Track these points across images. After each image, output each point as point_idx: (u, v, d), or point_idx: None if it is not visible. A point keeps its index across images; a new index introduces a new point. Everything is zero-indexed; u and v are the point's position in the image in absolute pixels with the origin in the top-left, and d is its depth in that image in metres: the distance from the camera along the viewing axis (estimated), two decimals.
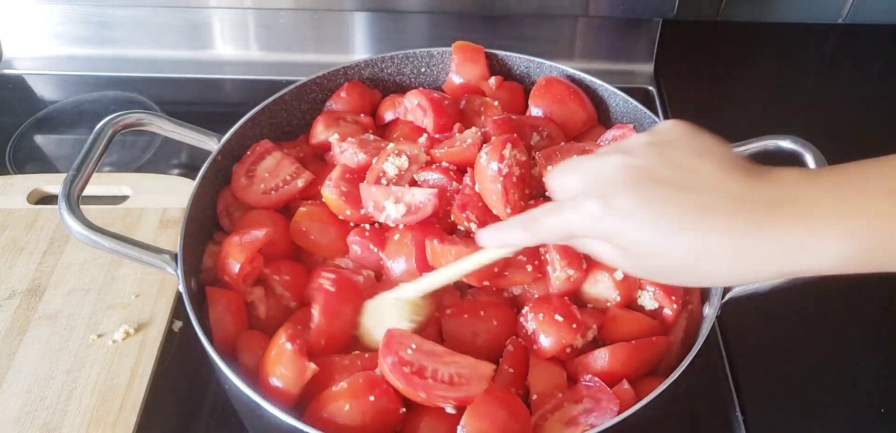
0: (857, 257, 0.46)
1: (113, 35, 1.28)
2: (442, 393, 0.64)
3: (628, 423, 0.61)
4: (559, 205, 0.56)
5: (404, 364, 0.64)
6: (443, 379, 0.65)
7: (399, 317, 0.69)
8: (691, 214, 0.49)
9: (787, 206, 0.48)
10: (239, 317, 0.73)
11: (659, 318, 0.73)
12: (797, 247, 0.47)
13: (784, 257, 0.47)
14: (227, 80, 1.29)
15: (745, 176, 0.50)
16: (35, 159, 1.14)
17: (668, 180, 0.50)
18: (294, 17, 1.26)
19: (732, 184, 0.50)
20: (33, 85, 1.28)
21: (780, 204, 0.48)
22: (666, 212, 0.50)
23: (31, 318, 0.88)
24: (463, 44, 0.96)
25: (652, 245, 0.51)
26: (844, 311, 0.93)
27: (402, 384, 0.64)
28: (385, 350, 0.65)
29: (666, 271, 0.53)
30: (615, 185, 0.52)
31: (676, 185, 0.50)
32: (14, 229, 0.98)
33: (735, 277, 0.51)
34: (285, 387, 0.65)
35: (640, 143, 0.54)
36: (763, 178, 0.50)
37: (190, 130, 0.85)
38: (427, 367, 0.65)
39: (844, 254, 0.46)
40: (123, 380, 0.82)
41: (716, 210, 0.49)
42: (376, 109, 0.96)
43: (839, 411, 0.84)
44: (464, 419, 0.63)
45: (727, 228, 0.48)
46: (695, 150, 0.52)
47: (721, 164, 0.51)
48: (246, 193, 0.83)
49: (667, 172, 0.51)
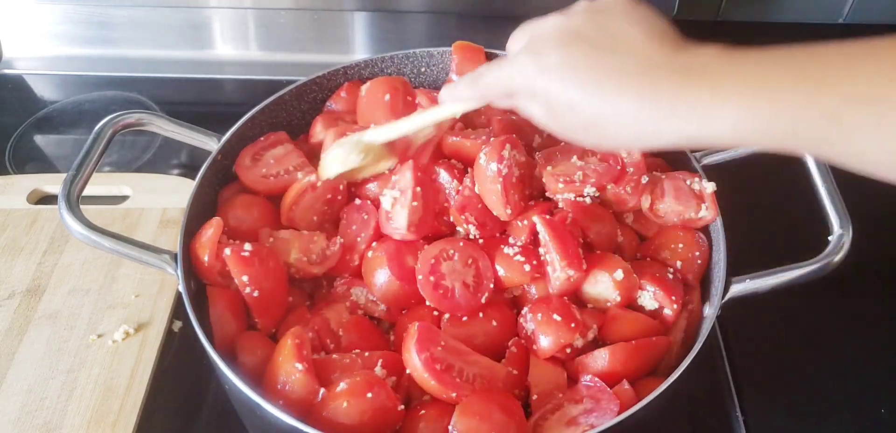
0: (751, 128, 0.47)
1: (113, 35, 1.28)
2: (468, 393, 0.65)
3: (628, 423, 0.61)
4: (501, 60, 0.61)
5: (436, 361, 0.64)
6: (468, 378, 0.66)
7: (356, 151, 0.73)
8: (606, 75, 0.52)
9: (694, 75, 0.49)
10: (239, 317, 0.73)
11: (659, 318, 0.73)
12: (696, 113, 0.48)
13: (682, 122, 0.49)
14: (227, 80, 1.29)
15: (665, 44, 0.52)
16: (35, 159, 1.14)
17: (594, 42, 0.53)
18: (294, 17, 1.26)
19: (650, 50, 0.52)
20: (33, 85, 1.28)
21: (689, 72, 0.49)
22: (585, 70, 0.53)
23: (31, 318, 0.88)
24: (463, 44, 0.96)
25: (569, 101, 0.53)
26: (844, 311, 0.93)
27: (435, 382, 0.64)
28: (419, 346, 0.64)
29: (579, 129, 0.55)
30: (547, 43, 0.55)
31: (600, 46, 0.53)
32: (14, 229, 0.98)
33: (638, 138, 0.53)
34: (292, 403, 0.65)
35: (581, 8, 0.57)
36: (683, 48, 0.52)
37: (190, 130, 0.85)
38: (454, 366, 0.65)
39: (740, 125, 0.47)
40: (123, 380, 0.82)
41: (626, 73, 0.51)
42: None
43: (839, 411, 0.84)
44: (455, 418, 0.63)
45: (633, 90, 0.51)
46: (628, 18, 0.55)
47: (646, 32, 0.53)
48: (246, 173, 0.83)
49: (595, 35, 0.54)
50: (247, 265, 0.71)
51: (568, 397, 0.67)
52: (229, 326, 0.72)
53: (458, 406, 0.64)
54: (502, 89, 0.61)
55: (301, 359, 0.65)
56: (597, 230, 0.76)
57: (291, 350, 0.65)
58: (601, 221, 0.77)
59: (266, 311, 0.72)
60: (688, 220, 0.79)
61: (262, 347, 0.70)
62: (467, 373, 0.66)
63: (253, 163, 0.84)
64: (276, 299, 0.72)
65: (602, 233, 0.77)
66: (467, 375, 0.66)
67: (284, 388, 0.65)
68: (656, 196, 0.80)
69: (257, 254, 0.72)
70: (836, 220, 0.72)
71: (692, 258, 0.77)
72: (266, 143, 0.86)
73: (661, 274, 0.74)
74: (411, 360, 0.65)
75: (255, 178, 0.83)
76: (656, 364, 0.72)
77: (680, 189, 0.80)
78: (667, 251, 0.77)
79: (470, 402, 0.64)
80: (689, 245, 0.77)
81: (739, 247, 0.75)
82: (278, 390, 0.65)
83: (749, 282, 0.71)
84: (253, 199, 0.82)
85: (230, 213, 0.79)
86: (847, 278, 0.72)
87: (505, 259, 0.74)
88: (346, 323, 0.73)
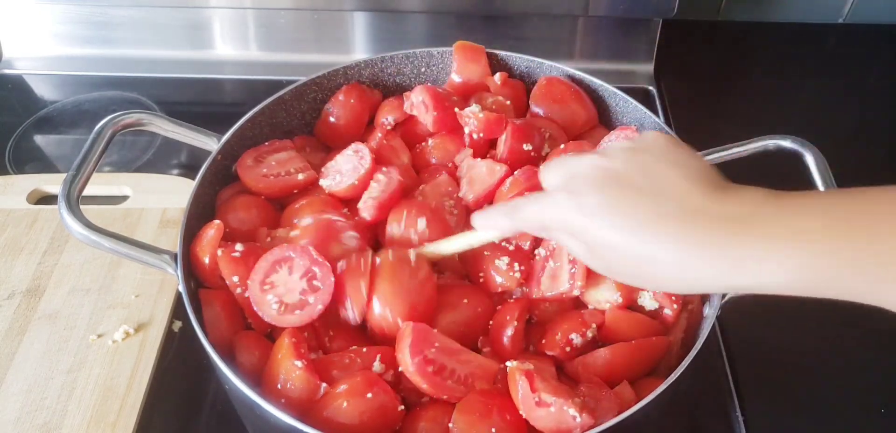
0: (807, 282, 0.47)
1: (113, 35, 1.28)
2: (460, 394, 0.65)
3: (628, 423, 0.61)
4: (539, 196, 0.60)
5: (429, 363, 0.64)
6: (459, 378, 0.66)
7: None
8: (647, 219, 0.51)
9: (742, 225, 0.49)
10: (234, 317, 0.73)
11: (659, 319, 0.73)
12: (745, 266, 0.48)
13: (726, 274, 0.49)
14: (227, 80, 1.29)
15: (708, 189, 0.52)
16: (35, 159, 1.14)
17: (635, 185, 0.53)
18: (294, 17, 1.26)
19: (694, 195, 0.51)
20: (33, 85, 1.28)
21: (732, 220, 0.49)
22: (626, 214, 0.52)
23: (31, 318, 0.88)
24: (464, 43, 0.96)
25: (611, 244, 0.53)
26: (844, 311, 0.92)
27: (426, 385, 0.64)
28: (413, 349, 0.64)
29: (620, 271, 0.55)
30: (586, 183, 0.55)
31: (641, 190, 0.52)
32: (14, 229, 0.98)
33: (680, 285, 0.53)
34: (292, 401, 0.65)
35: (619, 148, 0.57)
36: (725, 193, 0.52)
37: (190, 130, 0.85)
38: (446, 367, 0.65)
39: (794, 278, 0.47)
40: (123, 381, 0.82)
41: (670, 218, 0.51)
42: (374, 113, 0.95)
43: (839, 411, 0.84)
44: (455, 416, 0.63)
45: (676, 238, 0.50)
46: (667, 160, 0.54)
47: (688, 176, 0.53)
48: (247, 173, 0.83)
49: (635, 178, 0.53)
50: (238, 265, 0.71)
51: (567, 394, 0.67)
52: (224, 327, 0.72)
53: (458, 404, 0.64)
54: (538, 224, 0.60)
55: (300, 357, 0.65)
56: None
57: (289, 348, 0.65)
58: None
59: None
60: None
61: (259, 347, 0.70)
62: (460, 373, 0.66)
63: (255, 163, 0.84)
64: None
65: None
66: (460, 375, 0.66)
67: (284, 387, 0.65)
68: None
69: (248, 254, 0.72)
70: None
71: None
72: (270, 148, 0.87)
73: None
74: (405, 362, 0.65)
75: (255, 177, 0.83)
76: (656, 364, 0.72)
77: None
78: None
79: (470, 401, 0.64)
80: None
81: None
82: (278, 389, 0.65)
83: None
84: (252, 199, 0.82)
85: (230, 215, 0.79)
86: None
87: (496, 269, 0.74)
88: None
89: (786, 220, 0.48)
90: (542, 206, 0.59)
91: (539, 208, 0.59)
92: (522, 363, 0.64)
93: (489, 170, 0.81)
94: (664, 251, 0.50)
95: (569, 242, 0.58)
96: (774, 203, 0.49)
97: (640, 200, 0.52)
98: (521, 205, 0.61)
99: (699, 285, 0.51)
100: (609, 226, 0.53)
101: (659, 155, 0.55)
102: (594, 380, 0.68)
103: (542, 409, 0.61)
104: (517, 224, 0.63)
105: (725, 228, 0.49)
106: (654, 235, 0.51)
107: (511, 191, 0.77)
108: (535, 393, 0.62)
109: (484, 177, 0.81)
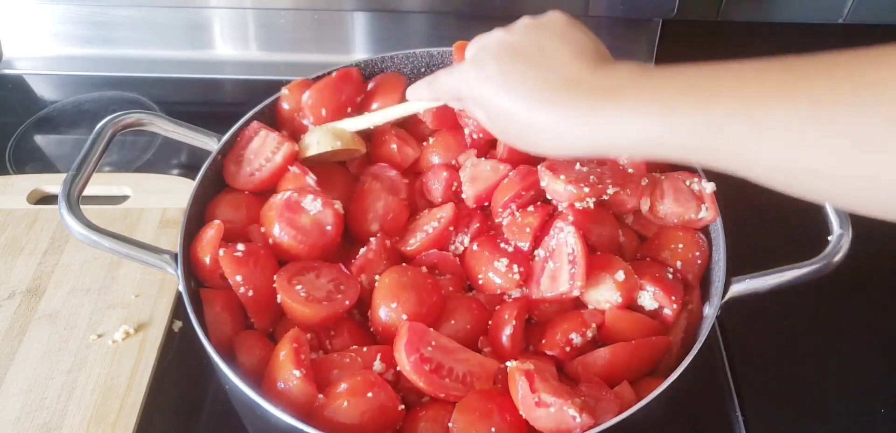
0: (649, 141, 0.51)
1: (113, 35, 1.28)
2: (459, 392, 0.65)
3: (628, 423, 0.61)
4: (454, 67, 0.69)
5: (426, 361, 0.64)
6: (457, 377, 0.65)
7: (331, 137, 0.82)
8: (534, 88, 0.57)
9: (606, 93, 0.54)
10: (235, 317, 0.73)
11: (659, 318, 0.73)
12: (604, 127, 0.53)
13: (593, 134, 0.54)
14: (227, 80, 1.29)
15: (589, 63, 0.57)
16: (35, 159, 1.14)
17: (529, 58, 0.59)
18: (294, 17, 1.26)
19: (575, 68, 0.57)
20: (33, 85, 1.29)
21: (602, 90, 0.55)
22: (516, 83, 0.58)
23: (31, 318, 0.88)
24: (463, 43, 0.95)
25: (504, 110, 0.59)
26: (844, 312, 0.93)
27: (423, 383, 0.64)
28: (409, 348, 0.64)
29: (513, 136, 0.60)
30: (488, 54, 0.61)
31: (532, 61, 0.58)
32: (14, 229, 0.98)
33: (559, 146, 0.57)
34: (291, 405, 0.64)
35: (522, 24, 0.63)
36: (604, 66, 0.57)
37: (190, 130, 0.85)
38: (444, 365, 0.65)
39: (639, 137, 0.52)
40: (123, 380, 0.82)
41: (551, 87, 0.56)
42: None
43: (839, 411, 0.84)
44: (454, 415, 0.63)
45: (553, 104, 0.56)
46: (560, 37, 0.60)
47: (575, 51, 0.58)
48: (235, 180, 0.83)
49: (530, 51, 0.59)
50: (240, 265, 0.71)
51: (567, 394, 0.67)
52: (226, 327, 0.72)
53: (458, 404, 0.64)
54: (452, 93, 0.69)
55: (299, 365, 0.65)
56: (598, 233, 0.76)
57: (289, 354, 0.65)
58: (603, 224, 0.77)
59: (262, 311, 0.72)
60: (688, 221, 0.79)
61: (260, 347, 0.70)
62: (458, 372, 0.66)
63: (237, 167, 0.83)
64: (271, 298, 0.72)
65: (603, 235, 0.77)
66: (458, 374, 0.66)
67: (284, 391, 0.65)
68: (656, 197, 0.80)
69: (251, 254, 0.72)
70: (835, 220, 0.72)
71: (692, 258, 0.77)
72: (242, 142, 0.85)
73: (661, 274, 0.74)
74: (401, 360, 0.65)
75: (243, 180, 0.82)
76: (656, 364, 0.72)
77: (680, 190, 0.80)
78: (667, 251, 0.77)
79: (469, 401, 0.64)
80: (688, 245, 0.77)
81: (739, 247, 0.75)
82: (278, 391, 0.65)
83: (749, 282, 0.71)
84: (240, 196, 0.81)
85: (217, 214, 0.79)
86: (847, 278, 0.72)
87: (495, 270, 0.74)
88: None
89: (647, 90, 0.52)
90: (455, 77, 0.67)
91: (451, 78, 0.68)
92: (522, 363, 0.64)
93: (493, 168, 0.82)
94: (544, 116, 0.56)
95: (476, 111, 0.65)
96: (641, 75, 0.54)
97: (529, 70, 0.58)
98: (439, 75, 0.71)
99: (578, 147, 0.56)
100: (502, 91, 0.59)
101: (554, 31, 0.60)
102: (594, 380, 0.68)
103: (541, 409, 0.61)
104: (436, 92, 0.73)
105: (596, 96, 0.54)
106: (537, 102, 0.57)
107: (508, 190, 0.78)
108: (534, 393, 0.62)
109: (487, 174, 0.81)
